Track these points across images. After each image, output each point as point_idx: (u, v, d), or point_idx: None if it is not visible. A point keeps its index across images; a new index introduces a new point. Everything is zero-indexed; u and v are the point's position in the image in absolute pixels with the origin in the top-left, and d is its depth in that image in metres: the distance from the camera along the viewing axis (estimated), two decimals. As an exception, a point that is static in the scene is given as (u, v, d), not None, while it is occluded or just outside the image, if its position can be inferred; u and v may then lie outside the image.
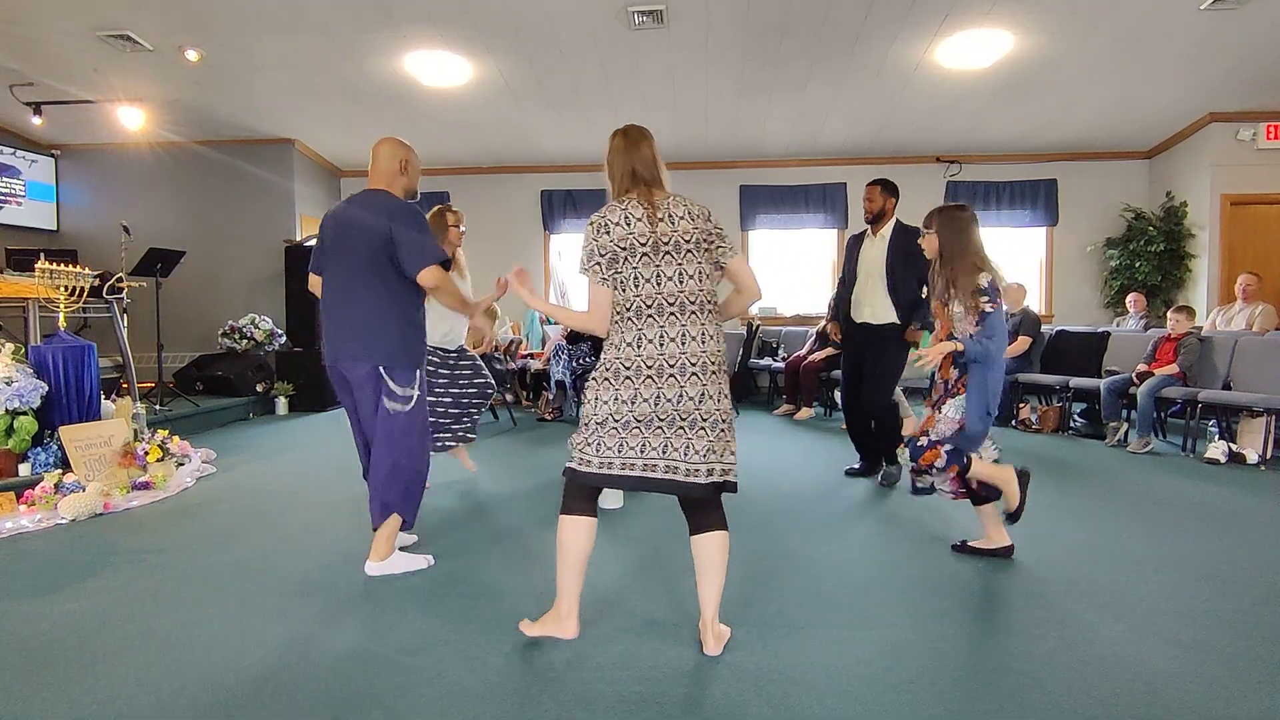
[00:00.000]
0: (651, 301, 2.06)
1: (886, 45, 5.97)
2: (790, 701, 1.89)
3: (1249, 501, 3.87)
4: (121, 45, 5.84)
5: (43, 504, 3.70)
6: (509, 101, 7.11)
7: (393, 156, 2.75)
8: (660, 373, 2.04)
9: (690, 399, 2.04)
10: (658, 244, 2.07)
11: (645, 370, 2.05)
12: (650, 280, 2.06)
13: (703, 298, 2.09)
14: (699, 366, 2.05)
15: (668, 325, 2.05)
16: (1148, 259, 7.83)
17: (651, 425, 2.05)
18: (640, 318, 2.06)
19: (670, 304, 2.06)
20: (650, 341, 2.05)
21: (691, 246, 2.09)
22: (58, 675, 2.05)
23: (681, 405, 2.04)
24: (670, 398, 2.03)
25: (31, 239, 7.88)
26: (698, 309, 2.08)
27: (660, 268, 2.06)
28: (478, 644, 2.22)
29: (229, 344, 7.64)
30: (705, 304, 2.10)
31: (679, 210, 2.11)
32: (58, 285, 4.59)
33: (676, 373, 2.04)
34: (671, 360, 2.04)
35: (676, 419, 2.04)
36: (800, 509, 3.72)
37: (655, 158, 2.18)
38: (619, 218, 2.09)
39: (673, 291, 2.06)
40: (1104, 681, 1.97)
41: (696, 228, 2.11)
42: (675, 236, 2.08)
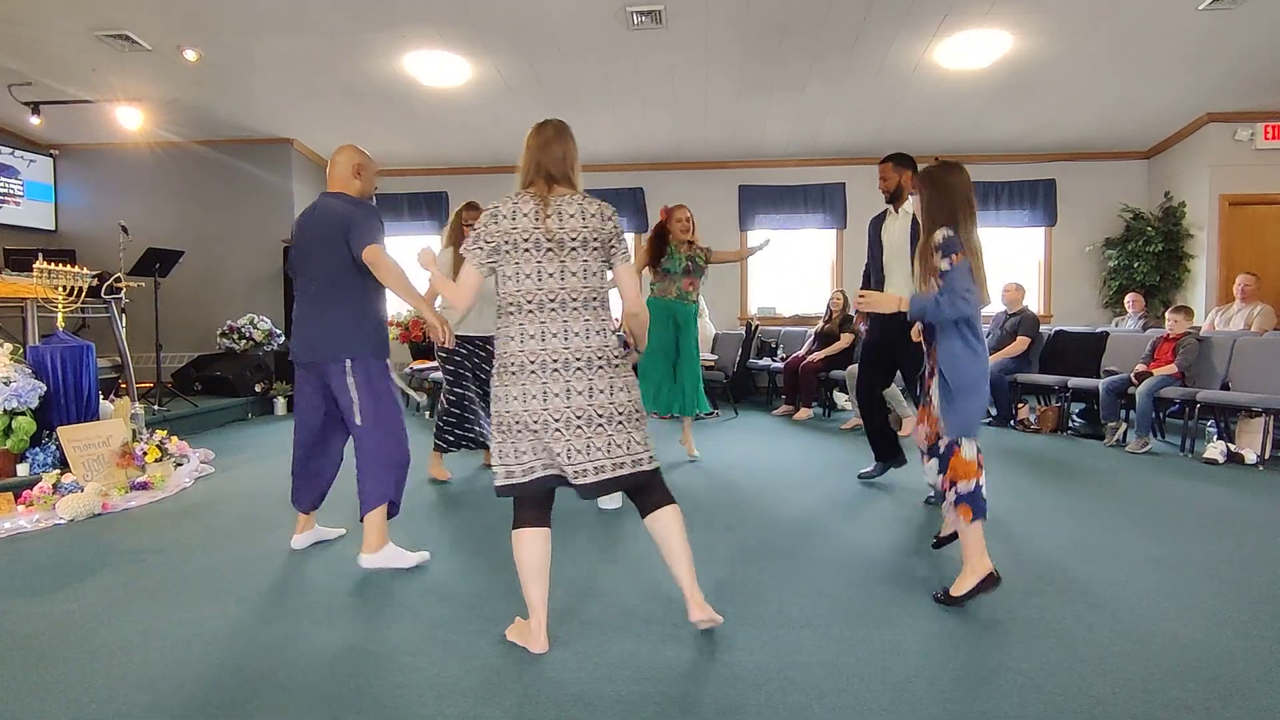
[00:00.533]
0: (532, 297, 2.08)
1: (886, 45, 5.98)
2: (789, 701, 1.89)
3: (1247, 501, 3.88)
4: (120, 45, 5.83)
5: (41, 504, 3.69)
6: (508, 101, 7.11)
7: (348, 163, 2.92)
8: (544, 368, 2.05)
9: (579, 394, 2.05)
10: (540, 241, 2.08)
11: (529, 366, 2.06)
12: (531, 276, 2.08)
13: (586, 294, 2.11)
14: (584, 362, 2.07)
15: (549, 321, 2.07)
16: (1146, 259, 7.83)
17: (550, 424, 2.06)
18: (521, 313, 2.08)
19: (551, 300, 2.07)
20: (533, 337, 2.07)
21: (578, 245, 2.10)
22: (56, 674, 2.05)
23: (572, 401, 2.05)
24: (558, 393, 2.05)
25: (30, 239, 7.87)
26: (580, 305, 2.09)
27: (542, 264, 2.08)
28: (476, 644, 2.22)
29: (227, 344, 7.63)
30: (589, 301, 2.11)
31: (571, 209, 2.12)
32: (56, 285, 4.58)
33: (560, 368, 2.05)
34: (555, 355, 2.06)
35: (572, 417, 2.06)
36: (799, 509, 3.72)
37: (567, 155, 2.19)
38: (509, 210, 2.11)
39: (554, 288, 2.08)
40: (1102, 681, 1.97)
41: (587, 226, 2.11)
42: (561, 234, 2.09)
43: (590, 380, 2.07)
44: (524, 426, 2.07)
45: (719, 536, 3.26)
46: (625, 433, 2.11)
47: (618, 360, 2.15)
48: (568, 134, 2.23)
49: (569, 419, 2.05)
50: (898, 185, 3.92)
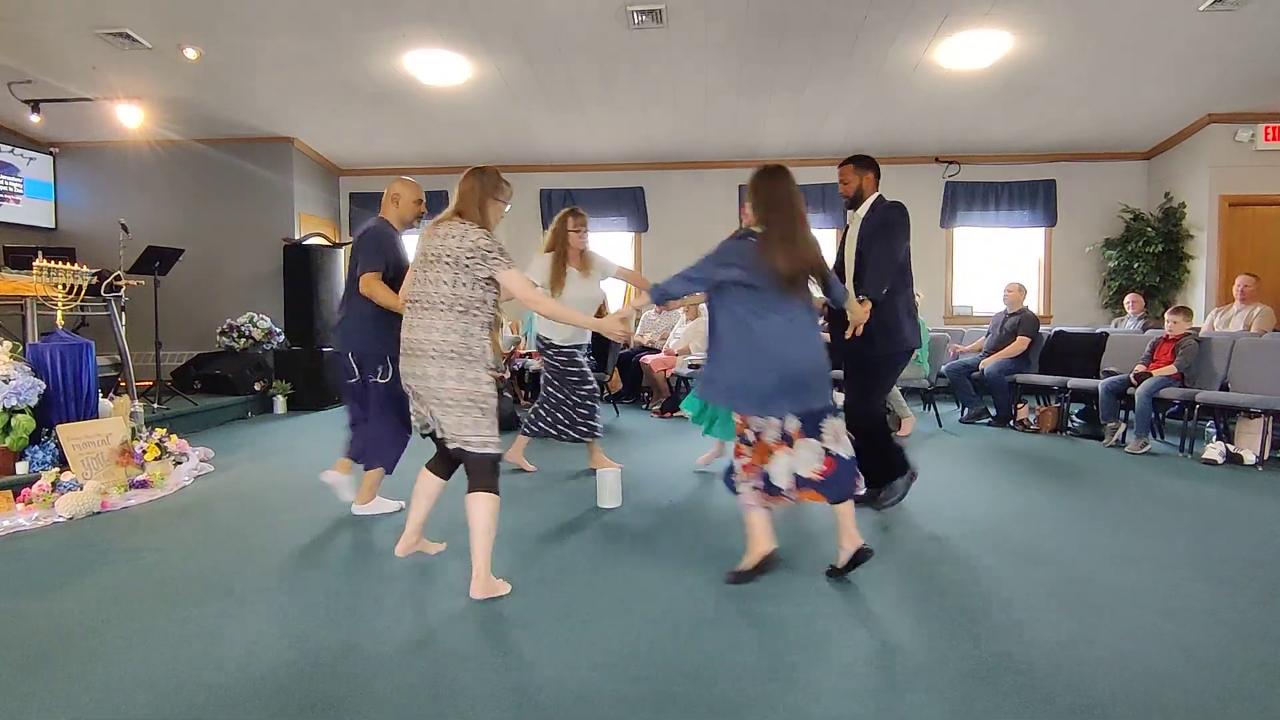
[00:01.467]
0: (415, 298, 2.65)
1: (886, 45, 5.98)
2: (788, 700, 1.89)
3: (1246, 502, 3.88)
4: (120, 43, 5.83)
5: (40, 502, 3.69)
6: (508, 100, 7.11)
7: (389, 192, 3.61)
8: (407, 352, 2.64)
9: (430, 378, 2.57)
10: (426, 255, 2.65)
11: (404, 350, 2.66)
12: (419, 282, 2.65)
13: (451, 300, 2.59)
14: (435, 353, 2.56)
15: (417, 318, 2.62)
16: (1146, 260, 7.83)
17: (415, 396, 2.67)
18: (410, 310, 2.67)
19: (416, 301, 2.64)
20: (407, 327, 2.66)
21: (449, 261, 2.59)
22: (56, 673, 2.05)
23: (418, 383, 2.61)
24: (411, 373, 2.63)
25: (29, 237, 7.86)
26: (445, 308, 2.59)
27: (424, 273, 2.64)
28: (477, 643, 2.22)
29: (227, 342, 7.62)
30: (452, 305, 2.59)
31: (451, 231, 2.62)
32: (56, 283, 4.57)
33: (415, 354, 2.61)
34: (410, 345, 2.63)
35: (423, 394, 2.62)
36: (798, 508, 3.72)
37: (466, 194, 2.67)
38: (428, 231, 2.71)
39: (424, 293, 2.62)
40: (1102, 681, 1.97)
41: (457, 246, 2.59)
42: (439, 252, 2.61)
43: (441, 368, 2.56)
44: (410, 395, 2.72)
45: (718, 536, 3.26)
46: (469, 418, 2.57)
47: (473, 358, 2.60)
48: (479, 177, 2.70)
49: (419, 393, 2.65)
50: (858, 189, 3.61)
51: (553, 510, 3.71)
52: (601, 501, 3.74)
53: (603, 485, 3.76)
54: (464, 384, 2.56)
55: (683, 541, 3.21)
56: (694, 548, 3.11)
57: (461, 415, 2.56)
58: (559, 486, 4.20)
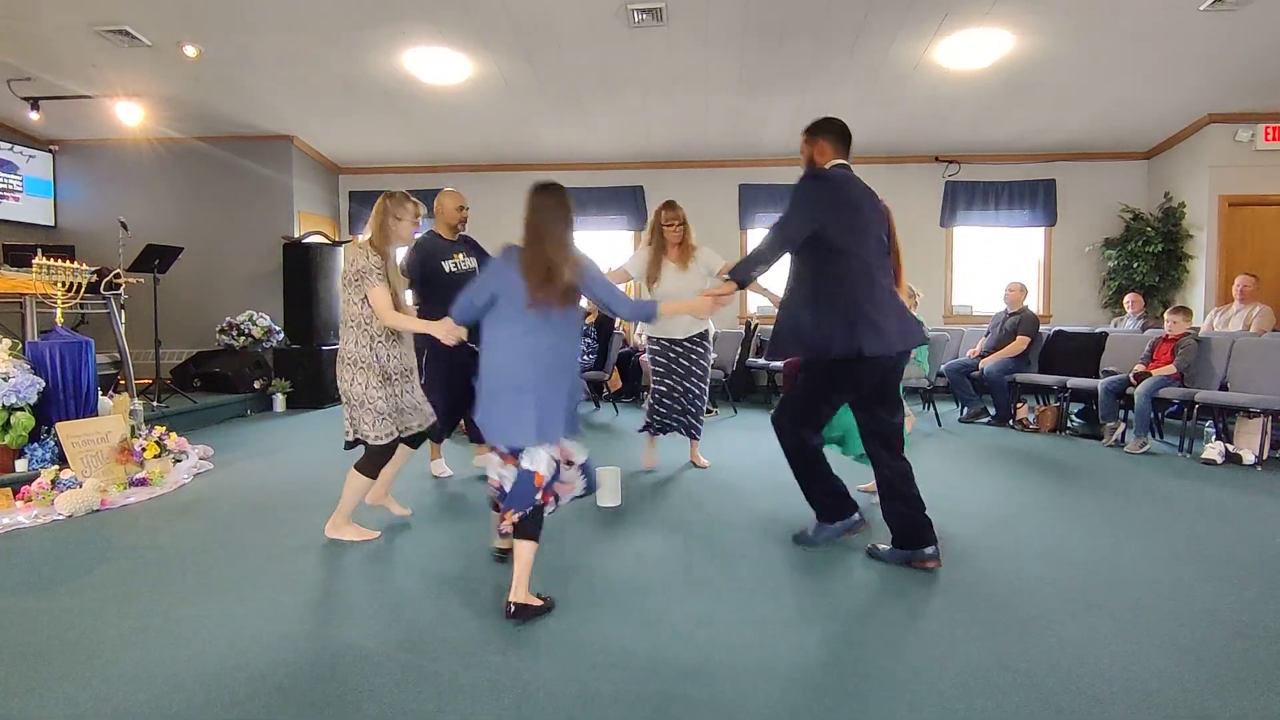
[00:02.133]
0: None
1: (886, 44, 5.97)
2: (788, 700, 1.89)
3: (1245, 502, 3.88)
4: (119, 40, 5.82)
5: (40, 500, 3.69)
6: (508, 99, 7.10)
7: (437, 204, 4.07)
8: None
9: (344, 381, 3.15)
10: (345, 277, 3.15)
11: None
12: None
13: (348, 317, 3.12)
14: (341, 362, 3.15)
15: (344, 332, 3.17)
16: (1146, 259, 7.83)
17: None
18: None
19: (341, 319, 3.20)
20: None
21: (346, 283, 3.12)
22: (54, 671, 2.05)
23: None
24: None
25: (29, 234, 7.84)
26: (348, 323, 3.13)
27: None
28: (475, 641, 2.23)
29: (227, 341, 7.61)
30: (349, 321, 3.12)
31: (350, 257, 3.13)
32: (55, 281, 4.57)
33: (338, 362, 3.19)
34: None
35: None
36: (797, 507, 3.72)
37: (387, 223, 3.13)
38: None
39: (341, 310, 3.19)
40: (1100, 680, 1.98)
41: (349, 270, 3.09)
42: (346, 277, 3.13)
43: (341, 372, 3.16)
44: None
45: (719, 535, 3.26)
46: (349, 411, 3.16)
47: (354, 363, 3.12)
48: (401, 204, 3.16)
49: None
50: (810, 159, 3.08)
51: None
52: (600, 500, 3.74)
53: (601, 484, 3.76)
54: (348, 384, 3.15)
55: (682, 541, 3.21)
56: (693, 548, 3.11)
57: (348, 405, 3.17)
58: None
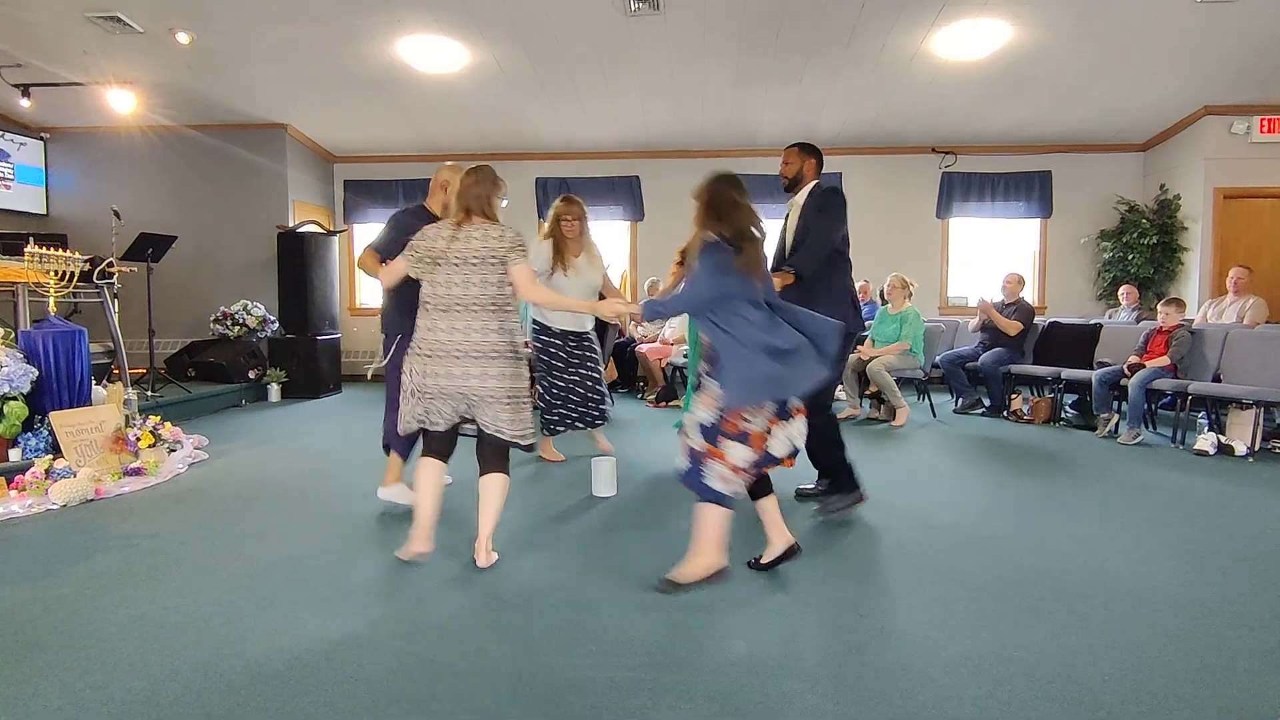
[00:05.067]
0: (441, 300, 2.68)
1: (883, 35, 5.95)
2: (782, 688, 1.90)
3: (1237, 493, 3.91)
4: (111, 27, 5.77)
5: (34, 490, 3.68)
6: (504, 88, 7.06)
7: (436, 179, 3.51)
8: (431, 355, 2.66)
9: (458, 377, 2.63)
10: (451, 259, 2.67)
11: (421, 351, 2.69)
12: (443, 285, 2.68)
13: (468, 300, 2.66)
14: (462, 352, 2.64)
15: (439, 319, 2.67)
16: (1140, 252, 7.85)
17: (439, 396, 2.68)
18: (434, 312, 2.69)
19: (456, 304, 2.66)
20: (428, 330, 2.69)
21: (477, 262, 2.65)
22: (50, 659, 2.05)
23: (452, 383, 2.63)
24: (440, 373, 2.64)
25: (21, 223, 7.80)
26: (463, 308, 2.65)
27: (451, 276, 2.67)
28: (471, 629, 2.23)
29: (221, 330, 7.60)
30: (472, 305, 2.66)
31: (477, 234, 2.68)
32: (48, 270, 4.54)
33: (441, 356, 2.65)
34: (439, 346, 2.65)
35: (454, 392, 2.65)
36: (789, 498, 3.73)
37: (483, 195, 2.72)
38: (434, 234, 2.72)
39: (458, 295, 2.66)
40: (1092, 669, 1.99)
41: (486, 248, 2.65)
42: (467, 254, 2.66)
43: (483, 368, 2.64)
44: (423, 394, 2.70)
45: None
46: (508, 412, 2.69)
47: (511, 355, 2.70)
48: (487, 177, 2.74)
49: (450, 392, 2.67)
50: (799, 173, 3.56)
51: (547, 498, 3.72)
52: (596, 490, 3.75)
53: (597, 474, 3.77)
54: (510, 379, 2.69)
55: (676, 530, 3.21)
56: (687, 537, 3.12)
57: (505, 407, 2.67)
58: (553, 474, 4.20)
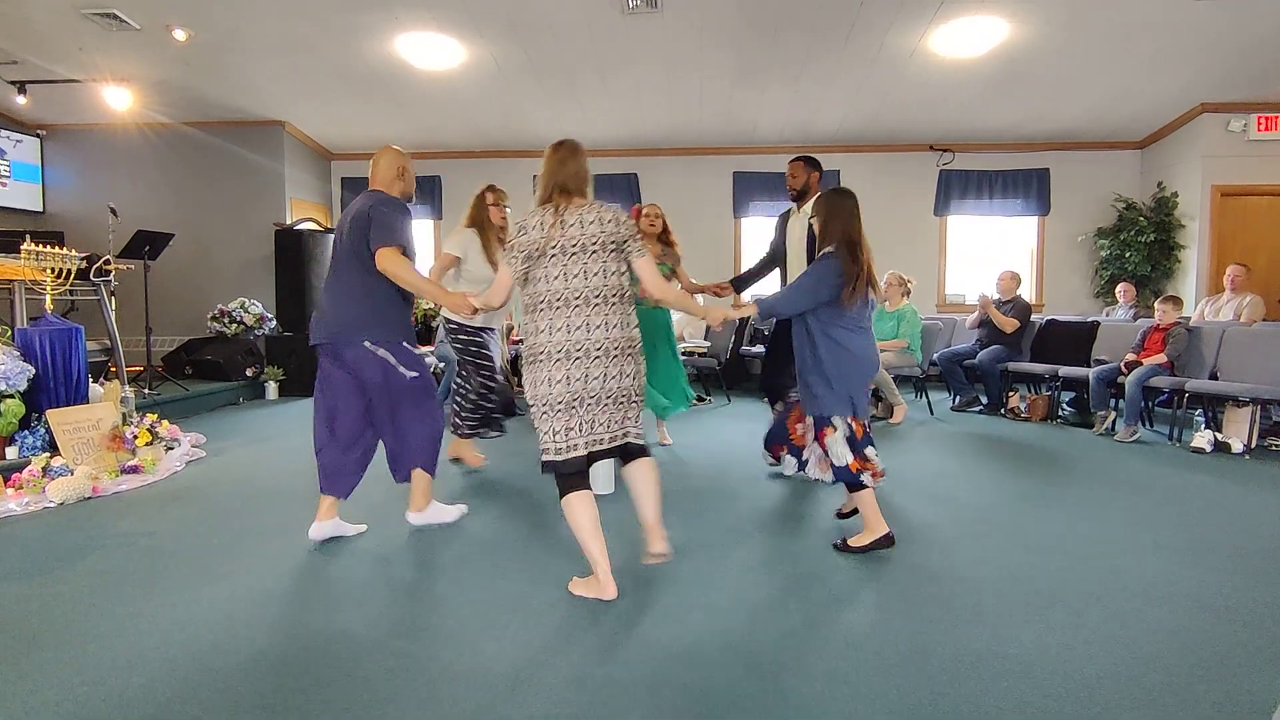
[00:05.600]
0: (560, 295, 2.37)
1: (881, 32, 5.95)
2: (780, 683, 1.91)
3: (1233, 490, 3.92)
4: (107, 23, 5.75)
5: (30, 487, 3.67)
6: (502, 85, 7.05)
7: (391, 165, 3.03)
8: (568, 356, 2.35)
9: (595, 379, 2.36)
10: (566, 246, 2.38)
11: (555, 354, 2.36)
12: (559, 277, 2.37)
13: (606, 292, 2.39)
14: (601, 351, 2.37)
15: (573, 316, 2.36)
16: (1138, 249, 7.85)
17: (581, 403, 2.38)
18: (552, 309, 2.37)
19: (576, 297, 2.37)
20: (560, 330, 2.36)
21: (597, 248, 2.38)
22: (48, 656, 2.05)
23: (589, 385, 2.36)
24: (578, 377, 2.35)
25: (17, 220, 7.78)
26: (601, 301, 2.38)
27: (567, 267, 2.37)
28: (468, 628, 2.23)
29: (218, 328, 7.58)
30: (609, 296, 2.39)
31: (590, 216, 2.41)
32: (44, 267, 4.54)
33: (582, 356, 2.35)
34: (577, 346, 2.36)
35: (585, 396, 2.37)
36: (789, 493, 3.74)
37: (580, 171, 2.49)
38: (536, 222, 2.41)
39: (579, 287, 2.37)
40: (1088, 665, 2.00)
41: (603, 232, 2.40)
42: (582, 239, 2.37)
43: (605, 367, 2.37)
44: (562, 406, 2.37)
45: (710, 521, 3.28)
46: (631, 412, 2.49)
47: (634, 351, 2.45)
48: (580, 152, 2.54)
49: (587, 396, 2.37)
50: (805, 185, 3.94)
51: (543, 497, 3.71)
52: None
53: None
54: (633, 377, 2.46)
55: (673, 529, 3.22)
56: (684, 535, 3.13)
57: (625, 406, 2.47)
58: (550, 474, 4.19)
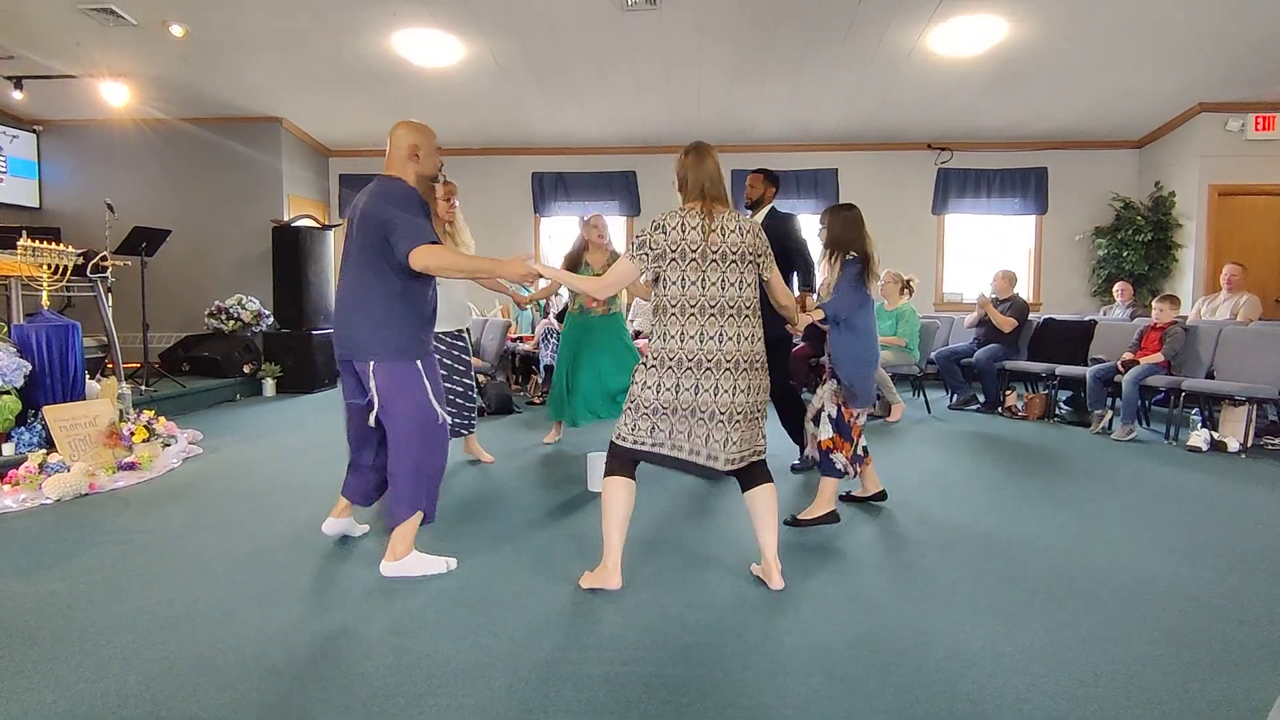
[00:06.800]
0: (696, 302, 2.32)
1: (880, 31, 5.95)
2: (775, 682, 1.91)
3: (1229, 489, 3.93)
4: (104, 19, 5.73)
5: (27, 484, 3.66)
6: (500, 82, 7.04)
7: (402, 143, 2.71)
8: (699, 366, 2.31)
9: (725, 391, 2.31)
10: (706, 253, 2.33)
11: (686, 363, 2.32)
12: (696, 284, 2.32)
13: (741, 303, 2.35)
14: (732, 363, 2.32)
15: (708, 324, 2.32)
16: (1135, 248, 7.87)
17: (690, 413, 2.32)
18: (684, 315, 2.33)
19: (712, 306, 2.32)
20: (692, 338, 2.32)
21: (736, 258, 2.35)
22: (45, 653, 2.05)
23: (702, 397, 2.31)
24: (707, 388, 2.31)
25: (13, 216, 7.74)
26: (735, 312, 2.34)
27: (706, 274, 2.33)
28: (467, 625, 2.23)
29: (215, 325, 7.57)
30: (743, 308, 2.36)
31: (733, 225, 2.37)
32: (41, 263, 4.52)
33: (713, 367, 2.31)
34: (709, 356, 2.31)
35: (697, 410, 2.32)
36: (788, 492, 3.75)
37: (717, 174, 2.42)
38: (677, 223, 2.35)
39: (715, 296, 2.33)
40: (1085, 664, 2.00)
41: (744, 243, 2.36)
42: (724, 248, 2.34)
43: (735, 380, 2.33)
44: (666, 410, 2.34)
45: (708, 520, 3.28)
46: (753, 430, 2.43)
47: (761, 366, 2.42)
48: (714, 153, 2.46)
49: (699, 409, 2.32)
50: (760, 196, 4.24)
51: (543, 494, 3.72)
52: (592, 485, 3.75)
53: (593, 469, 3.77)
54: (761, 392, 2.42)
55: (672, 526, 3.22)
56: (683, 533, 3.13)
57: (749, 424, 2.40)
58: (548, 470, 4.21)
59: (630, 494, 2.43)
